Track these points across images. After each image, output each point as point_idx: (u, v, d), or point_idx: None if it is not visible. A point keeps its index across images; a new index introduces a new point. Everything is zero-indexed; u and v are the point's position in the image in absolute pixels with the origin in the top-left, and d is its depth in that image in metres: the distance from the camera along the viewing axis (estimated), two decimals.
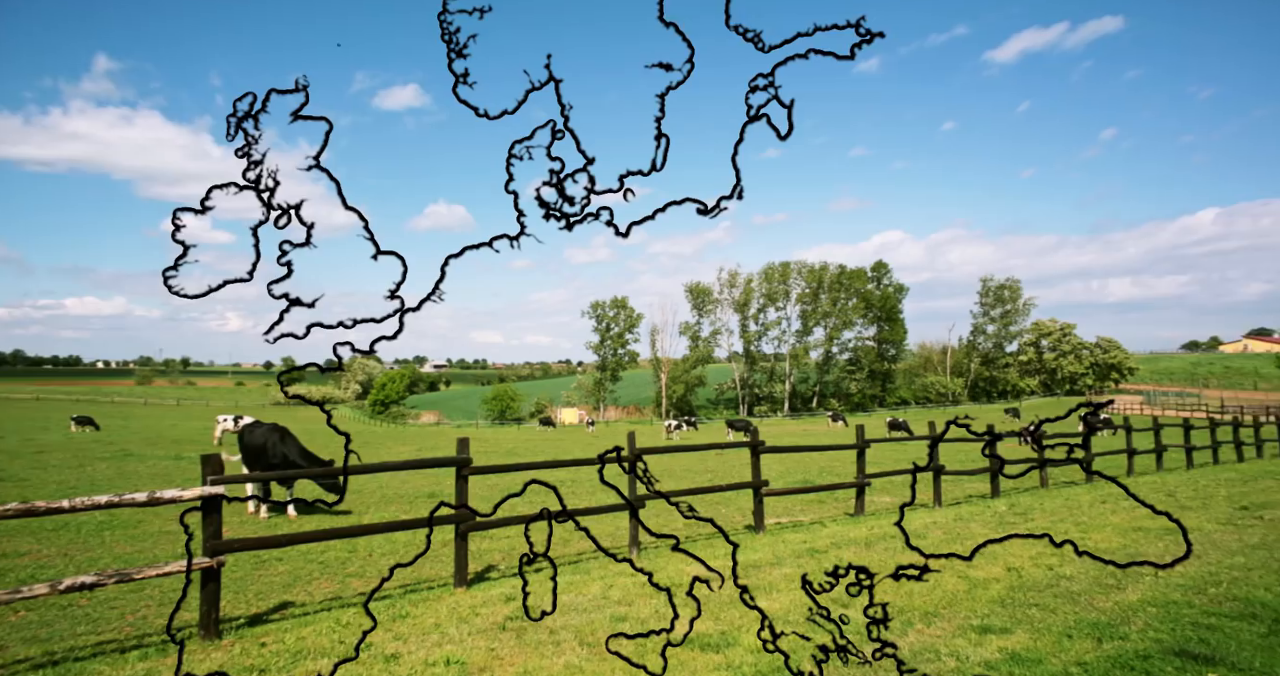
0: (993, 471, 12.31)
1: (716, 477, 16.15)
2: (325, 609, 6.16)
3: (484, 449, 27.53)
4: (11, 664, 4.87)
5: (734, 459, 20.76)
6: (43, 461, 18.54)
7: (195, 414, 60.12)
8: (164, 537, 9.17)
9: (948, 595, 5.89)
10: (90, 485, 14.23)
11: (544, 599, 6.03)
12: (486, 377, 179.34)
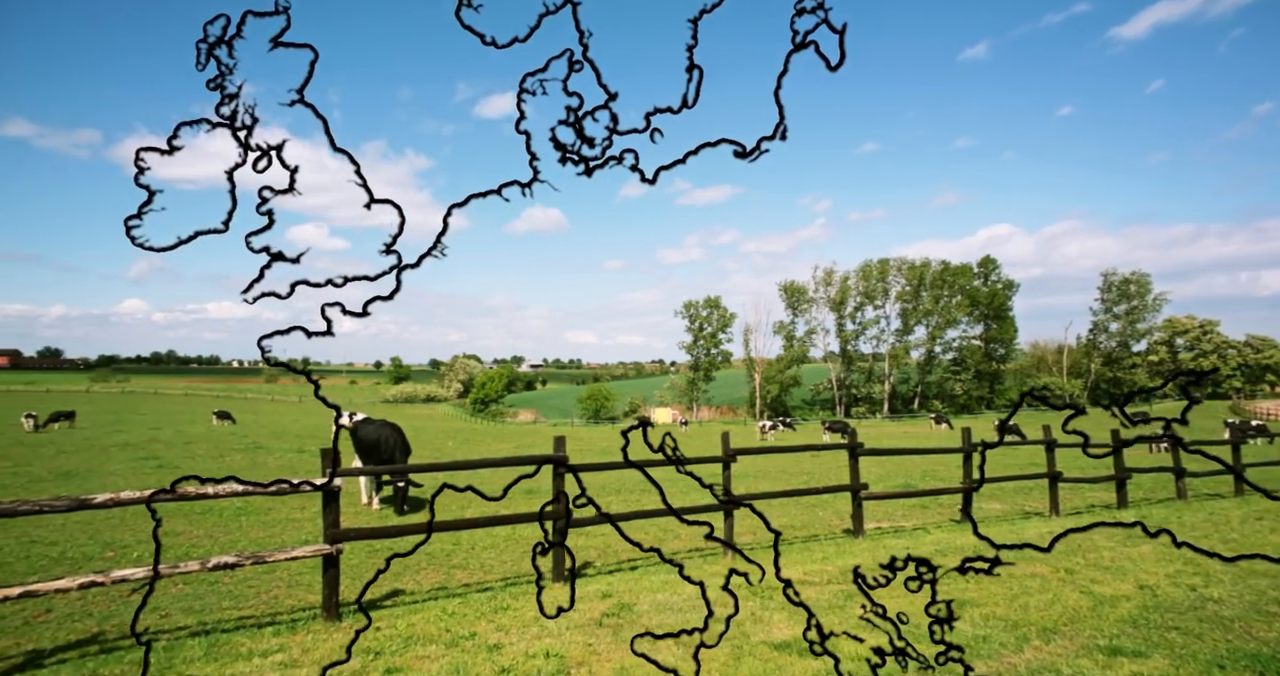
0: (1119, 479, 11.37)
1: (813, 479, 15.77)
2: (432, 598, 6.46)
3: (579, 447, 28.12)
4: (175, 629, 5.41)
5: (831, 461, 20.21)
6: (191, 451, 20.48)
7: (313, 410, 64.57)
8: (290, 525, 9.91)
9: (1068, 610, 5.49)
10: (229, 473, 15.58)
11: (638, 597, 6.10)
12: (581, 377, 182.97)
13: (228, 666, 4.59)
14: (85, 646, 5.12)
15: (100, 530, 9.21)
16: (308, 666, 4.59)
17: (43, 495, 5.77)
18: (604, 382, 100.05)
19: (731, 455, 8.24)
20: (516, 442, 30.70)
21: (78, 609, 5.97)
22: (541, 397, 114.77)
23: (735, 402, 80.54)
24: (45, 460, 17.53)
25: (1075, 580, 6.27)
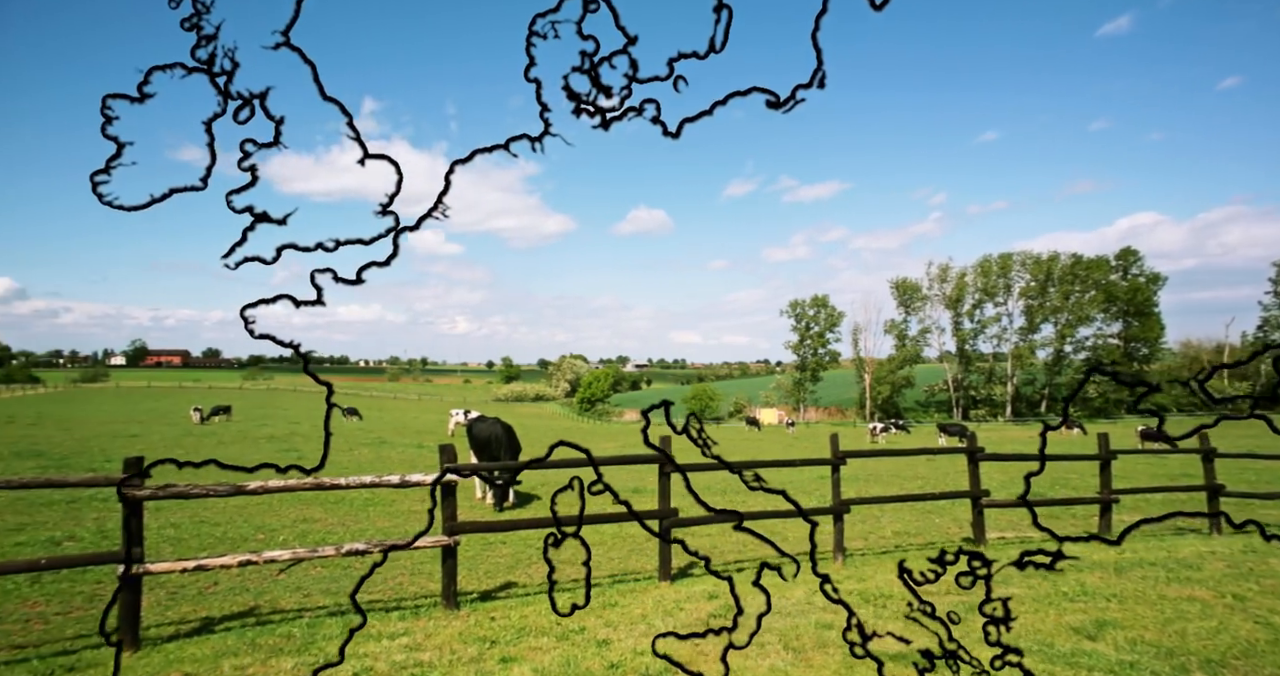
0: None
1: (927, 484, 15.02)
2: (542, 591, 6.67)
3: (684, 447, 28.18)
4: (315, 608, 5.90)
5: (947, 465, 19.15)
6: (317, 444, 22.21)
7: (431, 408, 68.28)
8: (412, 516, 10.53)
9: (1240, 641, 4.91)
10: (357, 466, 16.79)
11: (746, 600, 6.03)
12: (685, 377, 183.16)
13: (361, 646, 4.93)
14: (245, 617, 5.67)
15: (253, 514, 10.17)
16: (430, 650, 4.87)
17: (208, 481, 6.48)
18: (708, 383, 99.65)
19: (840, 457, 7.98)
20: (622, 441, 31.17)
21: (237, 583, 6.62)
22: (646, 397, 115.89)
23: (844, 404, 77.98)
24: (208, 449, 19.58)
25: (1247, 607, 5.61)
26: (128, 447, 19.67)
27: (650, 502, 12.20)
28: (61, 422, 30.55)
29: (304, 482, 5.63)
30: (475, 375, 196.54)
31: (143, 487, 5.12)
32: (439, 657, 4.73)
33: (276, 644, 4.95)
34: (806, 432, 46.52)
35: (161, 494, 5.16)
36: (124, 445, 20.45)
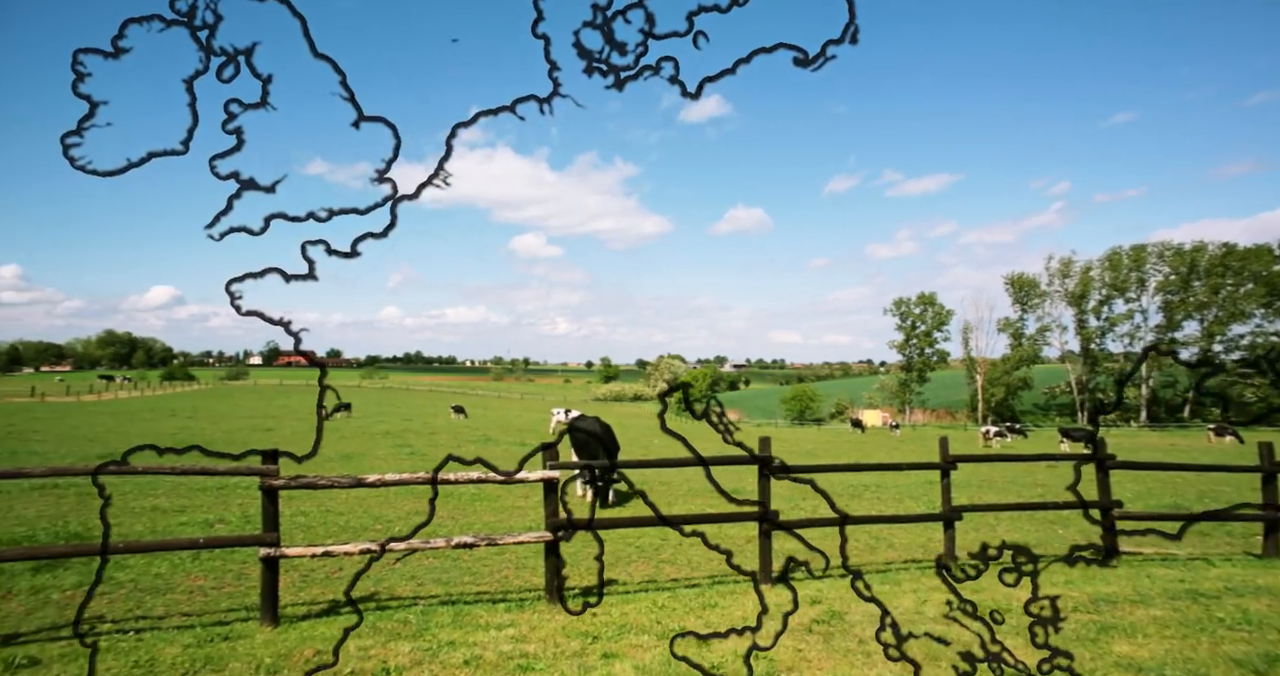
0: None
1: (1048, 493, 14.00)
2: (643, 590, 6.73)
3: (784, 449, 27.66)
4: (428, 597, 6.22)
5: (1071, 473, 17.78)
6: (435, 441, 23.40)
7: (534, 406, 70.40)
8: (516, 512, 10.90)
9: None
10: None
11: (850, 606, 5.84)
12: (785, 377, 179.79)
13: (470, 634, 5.16)
14: (365, 602, 6.06)
15: (371, 505, 10.85)
16: (535, 642, 5.02)
17: (332, 473, 7.06)
18: (809, 383, 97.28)
19: (951, 461, 7.58)
20: (720, 441, 30.97)
21: (357, 570, 7.09)
22: (745, 397, 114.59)
23: (953, 406, 74.01)
24: (332, 443, 21.09)
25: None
26: (265, 440, 21.49)
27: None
28: (211, 416, 33.82)
29: (417, 477, 5.95)
30: (575, 375, 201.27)
31: (278, 478, 5.58)
32: (543, 650, 4.87)
33: (394, 628, 5.26)
34: (913, 435, 44.53)
35: (293, 484, 5.60)
36: (262, 438, 22.36)
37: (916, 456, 24.36)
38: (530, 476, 6.22)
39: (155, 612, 5.69)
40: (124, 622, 5.43)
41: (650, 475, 15.45)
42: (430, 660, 4.66)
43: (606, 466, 11.07)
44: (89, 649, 1.56)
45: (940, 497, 7.65)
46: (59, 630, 5.25)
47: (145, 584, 6.45)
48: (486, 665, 4.61)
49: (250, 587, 6.27)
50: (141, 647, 4.84)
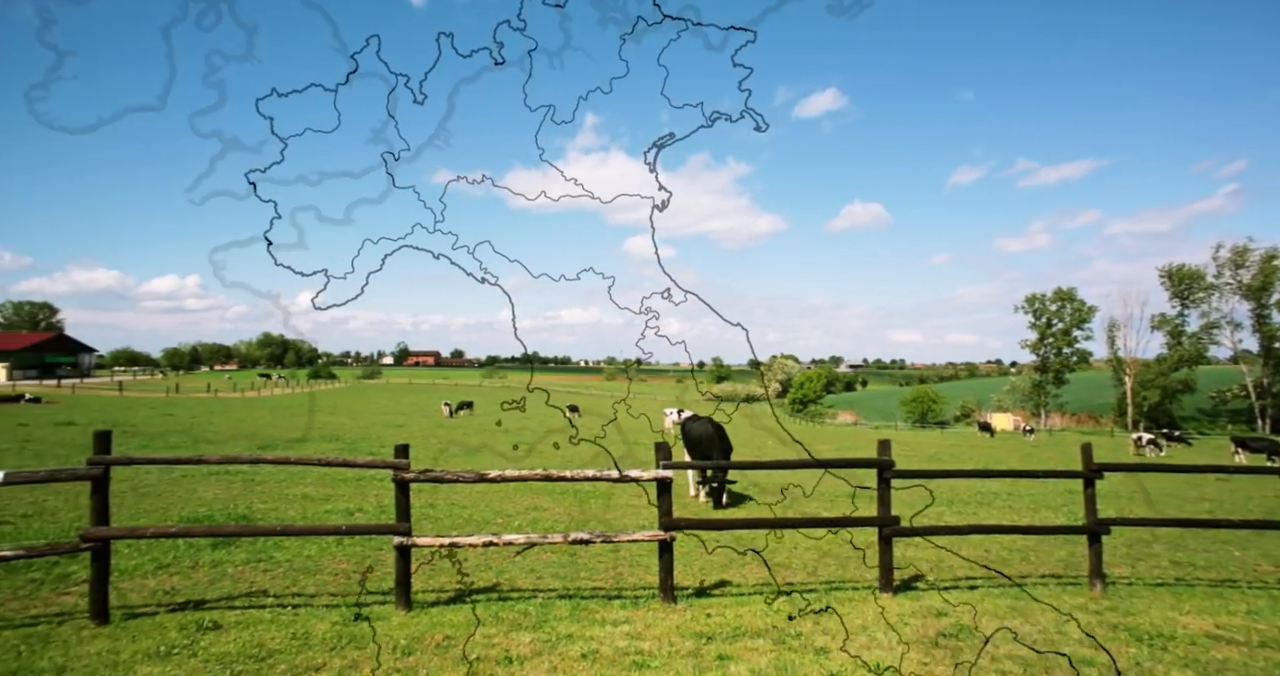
0: None
1: (1217, 509, 12.53)
2: (757, 592, 6.63)
3: (904, 452, 26.40)
4: (546, 590, 6.45)
5: (1249, 487, 15.80)
6: (548, 439, 24.20)
7: (644, 406, 71.17)
8: (629, 510, 11.05)
9: None
10: (580, 461, 18.02)
11: (980, 620, 5.48)
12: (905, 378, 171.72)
13: (587, 629, 5.29)
14: (489, 592, 6.36)
15: (492, 500, 11.37)
16: (650, 640, 5.07)
17: (457, 469, 7.49)
18: (930, 384, 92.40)
19: (1096, 469, 6.94)
20: (836, 444, 30.02)
21: (481, 561, 7.44)
22: (862, 399, 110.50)
23: (1097, 410, 67.79)
24: (457, 439, 22.30)
25: None
26: (396, 436, 23.02)
27: (865, 507, 11.57)
28: (350, 412, 36.68)
29: (535, 473, 6.17)
30: (686, 375, 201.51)
31: (409, 471, 5.96)
32: (658, 648, 4.91)
33: (516, 619, 5.48)
34: (1049, 441, 41.19)
35: (423, 478, 5.96)
36: (394, 434, 23.99)
37: (1054, 463, 22.52)
38: (644, 475, 6.29)
39: (308, 591, 6.24)
40: (283, 598, 6.00)
41: (763, 477, 15.20)
42: (549, 651, 4.81)
43: (719, 466, 11.01)
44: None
45: (1084, 509, 7.02)
46: (233, 600, 5.87)
47: (299, 564, 7.09)
48: (603, 660, 4.71)
49: (386, 573, 6.73)
50: (298, 621, 5.32)
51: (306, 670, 4.43)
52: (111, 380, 76.66)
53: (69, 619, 5.32)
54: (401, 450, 6.08)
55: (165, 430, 23.08)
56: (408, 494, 6.02)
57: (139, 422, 25.89)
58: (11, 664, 4.49)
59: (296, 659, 4.58)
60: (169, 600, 5.88)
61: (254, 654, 4.66)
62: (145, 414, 31.25)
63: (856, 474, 7.52)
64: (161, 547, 7.34)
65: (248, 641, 4.89)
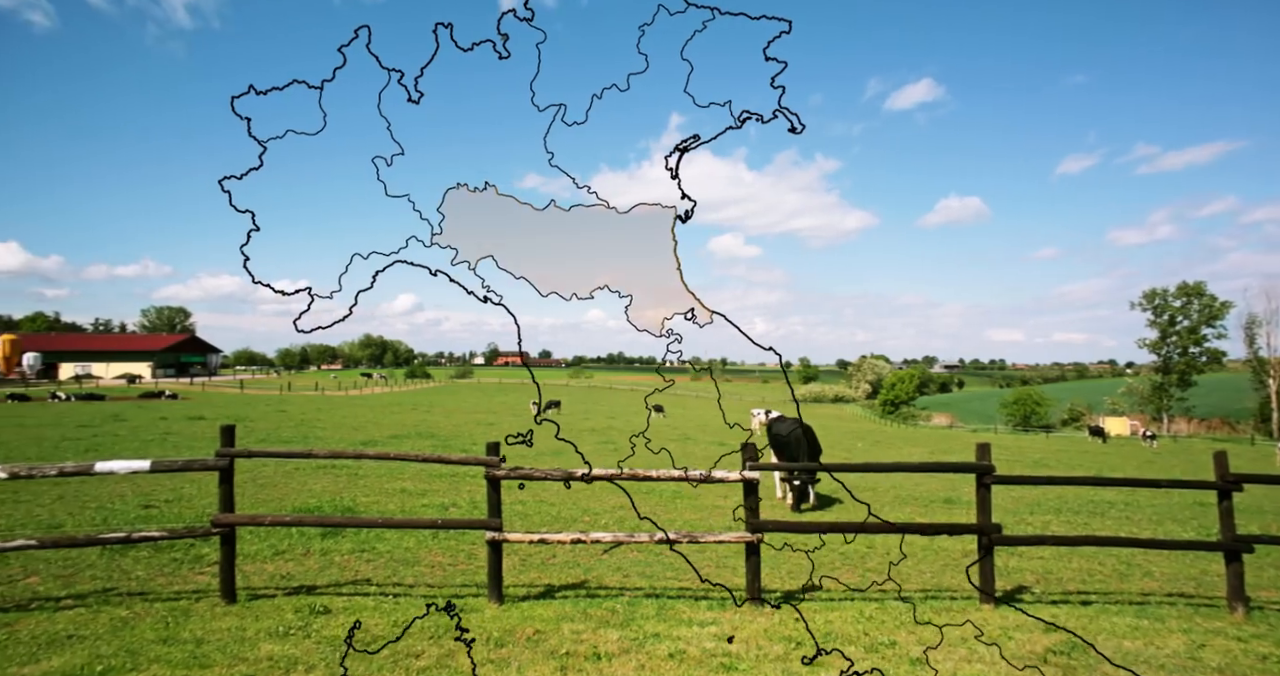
0: None
1: None
2: (848, 598, 6.44)
3: (1005, 457, 25.01)
4: (633, 589, 6.51)
5: None
6: (637, 440, 24.40)
7: (731, 407, 70.62)
8: (715, 511, 10.99)
9: None
10: (664, 461, 18.08)
11: (1095, 638, 5.11)
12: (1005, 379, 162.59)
13: (674, 629, 5.29)
14: (576, 588, 6.48)
15: (580, 498, 11.57)
16: (738, 642, 5.02)
17: (545, 466, 7.74)
18: (1034, 386, 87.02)
19: (1232, 480, 6.32)
20: (930, 447, 28.79)
21: (570, 558, 7.59)
22: (958, 400, 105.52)
23: (1234, 415, 61.88)
24: (543, 439, 22.82)
25: None
26: (487, 434, 23.83)
27: (962, 515, 11.03)
28: (444, 411, 38.25)
29: (621, 473, 6.24)
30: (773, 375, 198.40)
31: (500, 469, 6.15)
32: (746, 651, 4.85)
33: (603, 616, 5.55)
34: (1173, 448, 37.98)
35: (513, 475, 6.14)
36: (484, 431, 24.84)
37: (1180, 473, 20.80)
38: (730, 476, 6.23)
39: (407, 581, 6.55)
40: (384, 587, 6.32)
41: (854, 480, 14.78)
42: (637, 649, 4.85)
43: (806, 468, 10.78)
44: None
45: (1218, 524, 6.42)
46: (340, 587, 6.24)
47: (398, 555, 7.46)
48: (690, 660, 4.70)
49: (478, 567, 6.98)
50: (398, 610, 5.60)
51: (407, 656, 4.64)
52: (234, 378, 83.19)
53: (203, 596, 5.81)
54: (493, 447, 6.28)
55: (279, 425, 24.82)
56: (499, 490, 6.21)
57: (256, 418, 27.96)
58: (162, 632, 4.96)
59: (398, 645, 4.82)
60: (285, 584, 6.31)
61: (361, 638, 4.94)
62: (262, 410, 33.72)
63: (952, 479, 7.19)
64: (277, 535, 7.89)
65: None
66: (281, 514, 8.71)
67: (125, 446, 17.10)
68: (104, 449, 16.45)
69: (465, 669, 4.46)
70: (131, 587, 6.07)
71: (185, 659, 4.51)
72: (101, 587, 6.05)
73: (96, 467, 5.87)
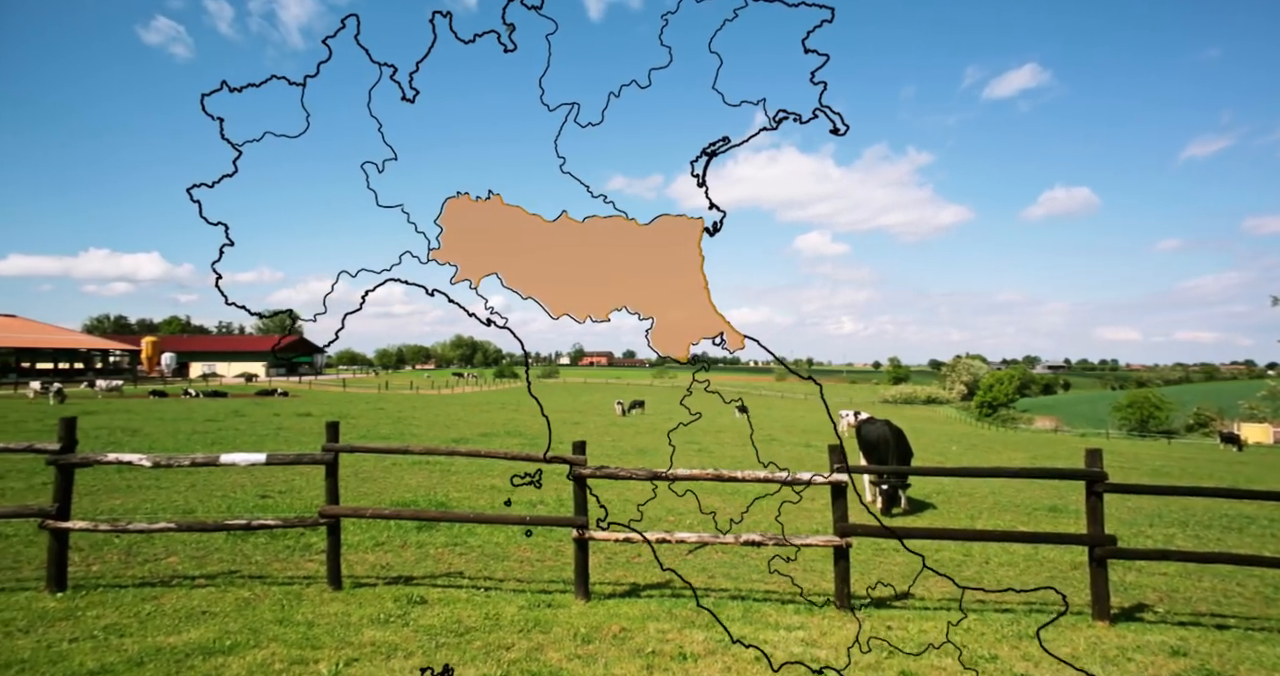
0: None
1: None
2: (943, 608, 6.17)
3: (1119, 464, 23.24)
4: (718, 590, 6.48)
5: None
6: (720, 439, 24.24)
7: (817, 407, 68.94)
8: (801, 513, 10.76)
9: None
10: (751, 461, 17.87)
11: (1236, 667, 4.69)
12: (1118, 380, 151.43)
13: (760, 632, 5.22)
14: (661, 588, 6.50)
15: (665, 497, 11.60)
16: (826, 648, 4.90)
17: (630, 466, 7.84)
18: (1152, 388, 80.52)
19: None
20: (1033, 452, 27.13)
21: (654, 557, 7.62)
22: (1064, 403, 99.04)
23: None
24: (629, 438, 23.07)
25: None
26: (573, 433, 24.26)
27: (1070, 524, 10.32)
28: (532, 410, 39.21)
29: (705, 473, 6.21)
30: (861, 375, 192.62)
31: (586, 467, 6.25)
32: (835, 657, 4.73)
33: (688, 616, 5.55)
34: None
35: (599, 473, 6.22)
36: (570, 431, 25.30)
37: None
38: (817, 478, 6.09)
39: (497, 575, 6.77)
40: (476, 580, 6.56)
41: (949, 484, 14.13)
42: (723, 651, 4.81)
43: (898, 471, 10.41)
44: None
45: None
46: (435, 578, 6.52)
47: (489, 550, 7.71)
48: (777, 664, 4.62)
49: (565, 564, 7.11)
50: (489, 603, 5.79)
51: (498, 648, 4.79)
52: (337, 377, 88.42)
53: (313, 582, 6.21)
54: (579, 446, 6.39)
55: (377, 422, 26.18)
56: (585, 488, 6.31)
57: (357, 415, 29.59)
58: (279, 614, 5.35)
59: (489, 637, 4.98)
60: (385, 574, 6.65)
61: (454, 629, 5.14)
62: (362, 407, 35.66)
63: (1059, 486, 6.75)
64: (377, 527, 8.32)
65: (448, 617, 5.40)
66: (381, 507, 9.17)
67: (244, 440, 18.49)
68: (226, 442, 17.85)
69: (554, 662, 4.56)
70: (252, 571, 6.56)
71: (299, 639, 4.83)
72: (227, 569, 6.57)
73: (221, 459, 6.38)
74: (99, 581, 6.12)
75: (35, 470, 11.58)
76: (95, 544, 7.24)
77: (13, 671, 4.26)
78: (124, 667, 4.31)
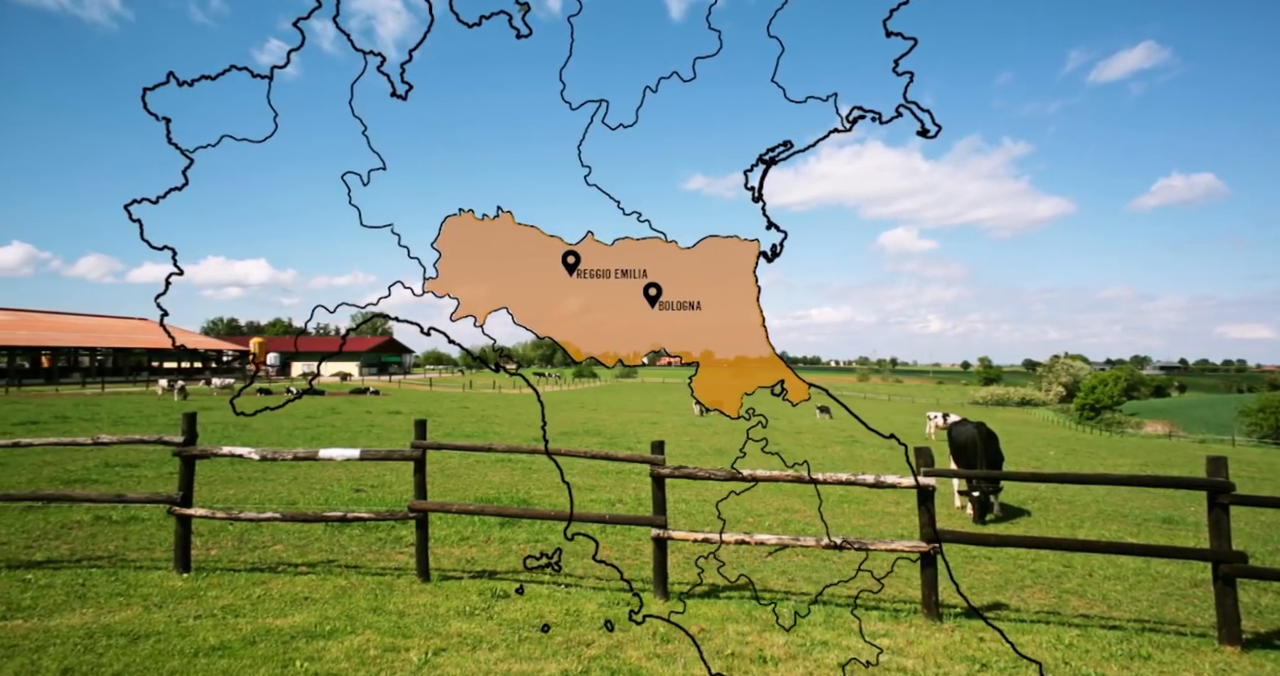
0: None
1: None
2: (1042, 620, 5.83)
3: (1248, 473, 21.30)
4: (799, 593, 6.36)
5: None
6: (800, 441, 23.78)
7: (902, 408, 66.53)
8: (885, 517, 10.42)
9: None
10: (832, 463, 17.44)
11: None
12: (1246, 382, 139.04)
13: (842, 637, 5.09)
14: (740, 590, 6.44)
15: (743, 499, 11.47)
16: (913, 658, 4.72)
17: (708, 466, 7.82)
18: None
19: None
20: (1142, 459, 25.26)
21: (732, 559, 7.56)
22: (1178, 406, 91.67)
23: None
24: (706, 438, 22.96)
25: None
26: (651, 432, 24.36)
27: (1187, 538, 9.54)
28: (610, 409, 39.67)
29: (785, 474, 6.10)
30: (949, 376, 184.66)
31: (665, 467, 6.26)
32: (922, 667, 4.56)
33: (768, 619, 5.47)
34: None
35: (677, 473, 6.23)
36: (649, 430, 25.42)
37: None
38: (902, 482, 5.89)
39: (577, 572, 6.88)
40: (557, 577, 6.68)
41: (1046, 491, 13.34)
42: (804, 656, 4.72)
43: (989, 477, 9.91)
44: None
45: None
46: (518, 574, 6.70)
47: (569, 547, 7.84)
48: (862, 672, 4.49)
49: (644, 562, 7.15)
50: (570, 599, 5.89)
51: (579, 644, 4.87)
52: (424, 376, 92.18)
53: (403, 573, 6.50)
54: (657, 446, 6.41)
55: (462, 420, 27.11)
56: (663, 488, 6.32)
57: (443, 413, 30.73)
58: (373, 602, 5.65)
59: (570, 633, 5.07)
60: (470, 568, 6.88)
61: (536, 623, 5.26)
62: (448, 406, 37.01)
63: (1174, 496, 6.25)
64: (462, 522, 8.61)
65: (530, 612, 5.53)
66: (466, 503, 9.50)
67: (339, 436, 19.55)
68: (324, 438, 18.93)
69: (633, 661, 4.59)
70: (348, 560, 6.93)
71: (390, 628, 5.06)
72: (326, 558, 6.97)
73: (320, 454, 6.78)
74: (216, 564, 6.63)
75: (164, 460, 12.66)
76: (213, 530, 7.85)
77: (150, 641, 4.69)
78: (240, 645, 4.65)
